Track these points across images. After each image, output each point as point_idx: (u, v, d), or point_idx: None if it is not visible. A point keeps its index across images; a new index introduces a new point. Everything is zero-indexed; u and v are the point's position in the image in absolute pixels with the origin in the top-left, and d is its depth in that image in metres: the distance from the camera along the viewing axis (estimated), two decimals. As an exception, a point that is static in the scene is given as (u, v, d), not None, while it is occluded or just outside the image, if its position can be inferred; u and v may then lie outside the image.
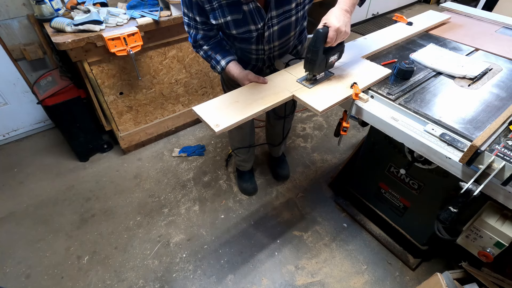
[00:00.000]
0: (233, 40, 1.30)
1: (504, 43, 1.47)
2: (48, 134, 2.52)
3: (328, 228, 1.83)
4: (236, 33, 1.17)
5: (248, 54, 1.35)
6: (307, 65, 1.08)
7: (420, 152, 0.99)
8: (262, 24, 1.15)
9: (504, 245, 0.96)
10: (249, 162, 2.02)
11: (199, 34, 1.22)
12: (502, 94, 1.13)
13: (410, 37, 1.54)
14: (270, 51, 1.32)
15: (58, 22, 1.69)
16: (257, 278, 1.61)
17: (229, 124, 0.98)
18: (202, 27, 1.19)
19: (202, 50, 1.28)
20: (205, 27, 1.20)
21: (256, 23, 1.14)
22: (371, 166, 1.62)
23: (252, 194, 2.04)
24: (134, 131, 2.27)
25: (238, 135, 1.81)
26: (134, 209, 1.96)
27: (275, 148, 2.06)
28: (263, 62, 1.39)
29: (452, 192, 1.14)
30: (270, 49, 1.31)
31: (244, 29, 1.15)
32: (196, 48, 1.29)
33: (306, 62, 1.07)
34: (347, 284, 1.58)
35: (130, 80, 2.03)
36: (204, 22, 1.17)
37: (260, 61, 1.38)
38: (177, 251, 1.73)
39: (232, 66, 1.25)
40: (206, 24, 1.18)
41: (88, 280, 1.60)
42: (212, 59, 1.28)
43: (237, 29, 1.15)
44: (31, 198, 2.03)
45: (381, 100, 1.12)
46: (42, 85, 2.03)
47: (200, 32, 1.21)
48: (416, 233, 1.56)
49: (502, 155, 0.82)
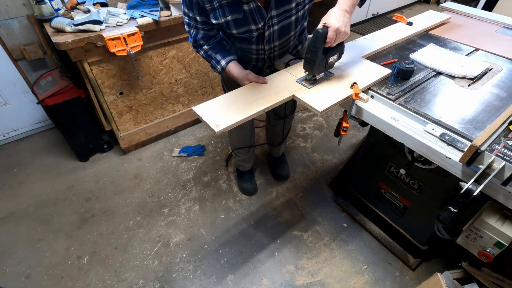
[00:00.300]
0: (234, 40, 1.30)
1: (504, 43, 1.47)
2: (48, 134, 2.52)
3: (328, 228, 1.83)
4: (236, 32, 1.17)
5: (248, 54, 1.35)
6: (307, 65, 1.08)
7: (420, 152, 0.99)
8: (262, 24, 1.15)
9: (504, 245, 0.96)
10: (249, 162, 2.02)
11: (199, 34, 1.22)
12: (502, 94, 1.13)
13: (410, 37, 1.54)
14: (270, 51, 1.32)
15: (58, 22, 1.69)
16: (257, 278, 1.61)
17: (229, 124, 0.98)
18: (203, 26, 1.19)
19: (202, 50, 1.28)
20: (206, 27, 1.20)
21: (257, 23, 1.14)
22: (371, 166, 1.62)
23: (252, 194, 2.04)
24: (134, 131, 2.27)
25: (238, 135, 1.81)
26: (134, 209, 1.96)
27: (275, 148, 2.06)
28: (263, 62, 1.39)
29: (452, 192, 1.14)
30: (271, 49, 1.31)
31: (244, 28, 1.15)
32: (197, 48, 1.29)
33: (306, 62, 1.07)
34: (347, 284, 1.58)
35: (130, 80, 2.03)
36: (205, 22, 1.17)
37: (260, 61, 1.38)
38: (177, 251, 1.73)
39: (232, 66, 1.25)
40: (207, 23, 1.18)
41: (88, 280, 1.60)
42: (212, 59, 1.28)
43: (238, 28, 1.15)
44: (31, 198, 2.03)
45: (381, 100, 1.12)
46: (42, 85, 2.03)
47: (200, 31, 1.21)
48: (416, 233, 1.56)
49: (502, 155, 0.82)
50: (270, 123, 1.93)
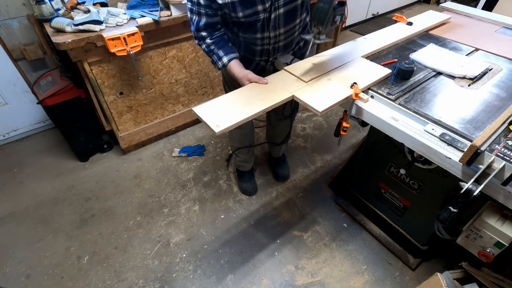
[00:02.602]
0: (238, 30, 1.28)
1: (504, 43, 1.47)
2: (48, 134, 2.52)
3: (328, 228, 1.83)
4: (242, 15, 1.14)
5: (252, 46, 1.32)
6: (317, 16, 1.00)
7: (420, 152, 0.99)
8: (269, 4, 1.14)
9: (504, 245, 0.96)
10: (249, 163, 2.02)
11: (202, 20, 1.18)
12: (502, 94, 1.13)
13: (410, 37, 1.54)
14: (275, 40, 1.31)
15: (58, 22, 1.68)
16: (257, 278, 1.61)
17: (229, 125, 0.98)
18: (206, 11, 1.15)
19: (204, 43, 1.24)
20: (209, 11, 1.16)
21: (264, 2, 1.13)
22: (371, 166, 1.62)
23: (252, 194, 2.04)
24: (134, 131, 2.27)
25: (238, 135, 1.80)
26: (134, 209, 1.96)
27: (275, 148, 2.06)
28: (267, 54, 1.37)
29: (452, 192, 1.14)
30: (276, 37, 1.29)
31: (251, 10, 1.13)
32: (199, 40, 1.25)
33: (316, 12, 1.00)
34: (347, 284, 1.58)
35: (130, 80, 2.03)
36: (208, 6, 1.13)
37: (265, 53, 1.36)
38: (177, 251, 1.73)
39: (234, 64, 1.24)
40: (210, 7, 1.14)
41: (88, 280, 1.60)
42: (214, 54, 1.25)
43: (244, 10, 1.13)
44: (31, 198, 2.03)
45: (381, 100, 1.12)
46: (42, 85, 2.03)
47: (203, 18, 1.17)
48: (416, 233, 1.56)
49: (502, 155, 0.82)
50: (271, 123, 1.92)
